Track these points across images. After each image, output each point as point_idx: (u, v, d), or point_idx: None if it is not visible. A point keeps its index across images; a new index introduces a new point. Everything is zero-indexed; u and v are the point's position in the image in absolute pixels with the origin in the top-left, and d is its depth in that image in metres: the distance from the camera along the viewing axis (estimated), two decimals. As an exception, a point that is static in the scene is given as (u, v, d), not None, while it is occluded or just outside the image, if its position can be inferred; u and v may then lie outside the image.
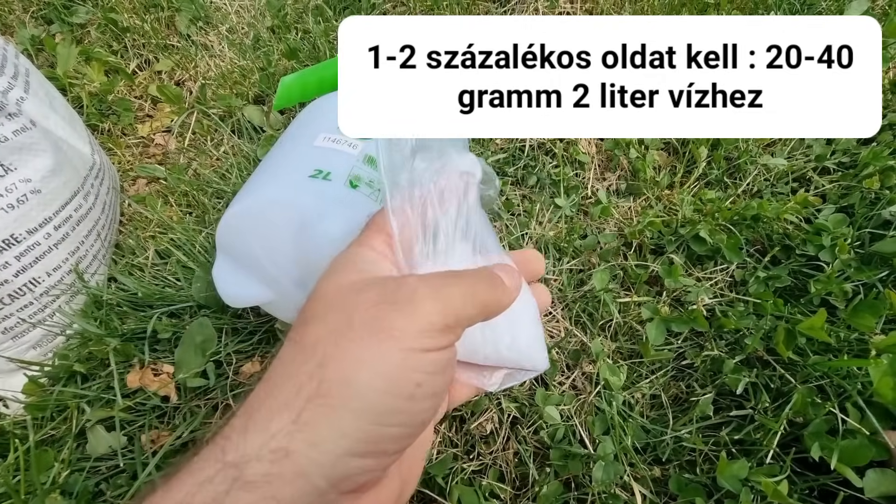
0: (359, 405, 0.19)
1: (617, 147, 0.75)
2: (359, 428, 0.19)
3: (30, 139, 0.55)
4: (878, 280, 0.57)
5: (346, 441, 0.19)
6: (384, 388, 0.20)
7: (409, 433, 0.21)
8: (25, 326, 0.57)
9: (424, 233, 0.24)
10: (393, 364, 0.20)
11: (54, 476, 0.49)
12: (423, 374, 0.21)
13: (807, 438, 0.47)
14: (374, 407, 0.19)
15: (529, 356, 0.28)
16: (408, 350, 0.20)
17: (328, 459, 0.19)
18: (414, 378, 0.20)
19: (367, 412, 0.19)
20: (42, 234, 0.57)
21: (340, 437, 0.19)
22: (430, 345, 0.21)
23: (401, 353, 0.20)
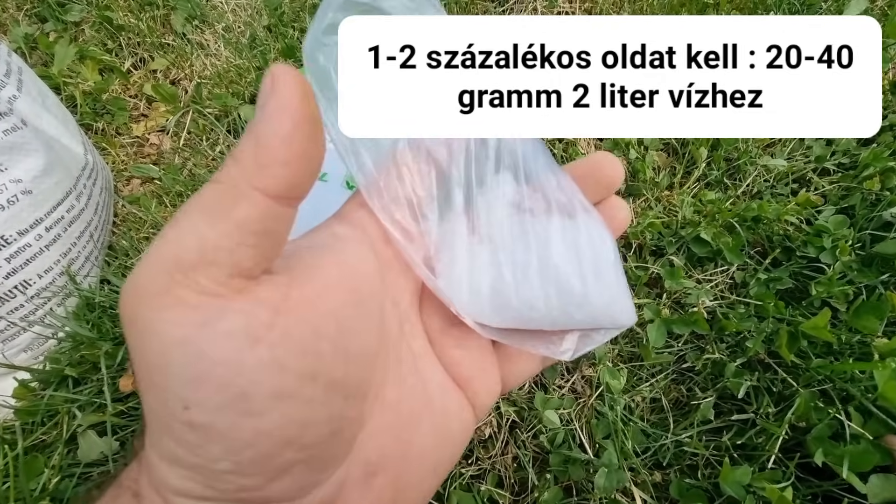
0: (162, 452, 0.16)
1: (616, 148, 0.75)
2: (180, 475, 0.16)
3: (21, 139, 0.54)
4: (879, 282, 0.56)
5: (181, 490, 0.16)
6: (161, 427, 0.16)
7: (252, 463, 0.16)
8: (16, 329, 0.56)
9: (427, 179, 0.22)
10: (149, 396, 0.16)
11: (44, 482, 0.48)
12: (182, 391, 0.15)
13: (810, 443, 0.46)
14: (170, 451, 0.16)
15: (608, 309, 0.21)
16: (145, 374, 0.16)
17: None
18: (175, 401, 0.15)
19: (171, 458, 0.16)
20: (33, 235, 0.56)
21: (172, 486, 0.16)
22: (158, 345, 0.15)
23: (145, 382, 0.16)
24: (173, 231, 0.16)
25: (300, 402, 0.16)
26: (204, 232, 0.15)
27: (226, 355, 0.15)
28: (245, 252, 0.16)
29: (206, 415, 0.15)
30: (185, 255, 0.15)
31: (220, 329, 0.15)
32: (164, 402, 0.15)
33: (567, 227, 0.22)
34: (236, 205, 0.16)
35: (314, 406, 0.17)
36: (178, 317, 0.15)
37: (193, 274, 0.15)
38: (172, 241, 0.15)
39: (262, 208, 0.16)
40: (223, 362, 0.15)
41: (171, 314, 0.15)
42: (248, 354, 0.15)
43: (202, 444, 0.15)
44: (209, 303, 0.15)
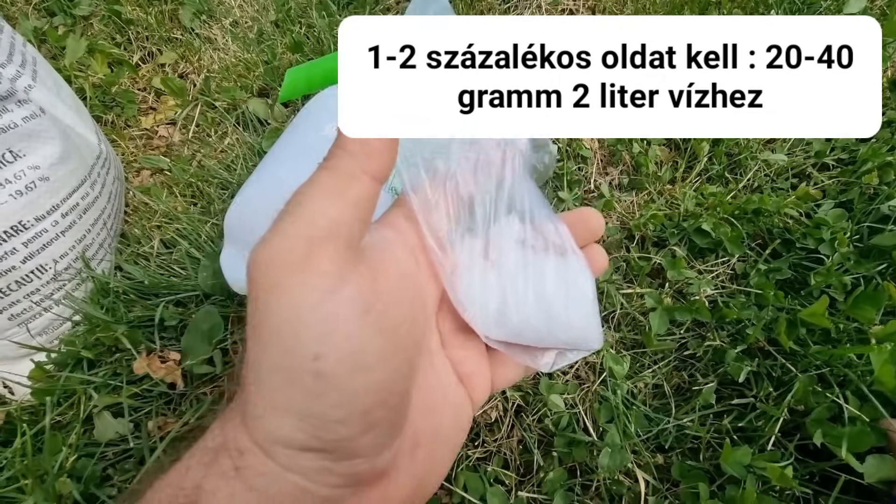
0: (278, 403, 0.18)
1: (620, 143, 0.76)
2: (292, 426, 0.18)
3: (39, 126, 0.56)
4: (877, 272, 0.58)
5: (289, 440, 0.18)
6: (284, 378, 0.18)
7: (358, 413, 0.18)
8: (33, 313, 0.57)
9: (458, 209, 0.24)
10: (274, 348, 0.18)
11: (62, 460, 0.50)
12: (314, 341, 0.18)
13: (809, 426, 0.47)
14: (289, 401, 0.18)
15: (584, 335, 0.26)
16: (274, 323, 0.18)
17: (284, 459, 0.18)
18: (305, 351, 0.18)
19: (288, 408, 0.18)
20: (49, 221, 0.57)
21: (280, 437, 0.18)
22: (296, 299, 0.18)
23: (272, 332, 0.18)
24: (302, 209, 0.18)
25: (392, 367, 0.19)
26: (329, 210, 0.18)
27: (348, 317, 0.18)
28: (356, 226, 0.19)
29: (330, 366, 0.17)
30: (317, 229, 0.18)
31: (345, 295, 0.18)
32: (293, 355, 0.18)
33: (559, 264, 0.25)
34: (352, 185, 0.19)
35: (399, 373, 0.20)
36: (313, 282, 0.18)
37: (324, 244, 0.18)
38: (304, 217, 0.18)
39: (369, 188, 0.20)
40: (347, 321, 0.18)
41: (307, 279, 0.18)
42: (363, 319, 0.18)
43: (324, 392, 0.18)
44: (335, 272, 0.18)
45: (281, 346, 0.18)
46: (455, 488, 0.50)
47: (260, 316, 0.18)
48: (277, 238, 0.18)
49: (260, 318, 0.18)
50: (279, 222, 0.18)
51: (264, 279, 0.18)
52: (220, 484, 0.18)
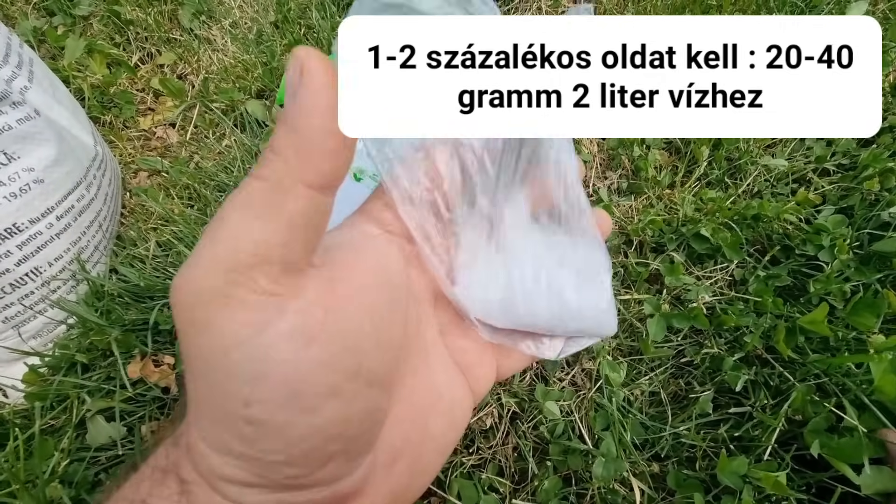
0: (213, 442, 0.17)
1: (620, 146, 0.76)
2: (230, 464, 0.17)
3: (34, 128, 0.55)
4: (876, 280, 0.57)
5: (230, 477, 0.17)
6: (217, 420, 0.17)
7: (303, 456, 0.16)
8: (27, 316, 0.57)
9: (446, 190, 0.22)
10: (207, 391, 0.16)
11: (54, 465, 0.49)
12: (243, 387, 0.16)
13: (807, 436, 0.47)
14: (224, 443, 0.17)
15: (596, 322, 0.24)
16: (208, 366, 0.16)
17: (229, 494, 0.17)
18: (236, 397, 0.16)
19: (223, 449, 0.17)
20: (44, 223, 0.57)
21: (222, 474, 0.17)
22: (220, 343, 0.16)
23: (206, 377, 0.16)
24: (224, 230, 0.16)
25: (346, 399, 0.17)
26: (257, 230, 0.15)
27: (285, 355, 0.15)
28: (295, 246, 0.16)
29: (265, 412, 0.15)
30: (241, 255, 0.15)
31: (280, 330, 0.16)
32: (222, 398, 0.15)
33: (574, 247, 0.24)
34: (285, 201, 0.16)
35: (357, 401, 0.17)
36: (240, 317, 0.15)
37: (250, 273, 0.15)
38: (226, 240, 0.15)
39: (308, 201, 0.16)
40: (283, 362, 0.15)
41: (233, 315, 0.15)
42: (304, 354, 0.16)
43: (259, 439, 0.16)
44: (268, 302, 0.16)
45: (210, 389, 0.16)
46: (449, 496, 0.50)
47: (187, 351, 0.16)
48: (195, 266, 0.15)
49: (188, 354, 0.16)
50: (198, 247, 0.16)
51: (185, 313, 0.16)
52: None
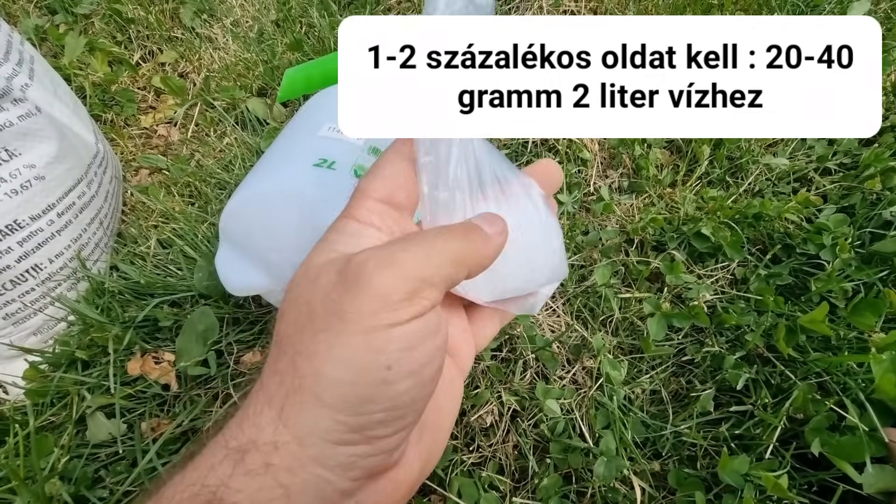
0: (331, 397, 0.19)
1: (622, 145, 0.76)
2: (336, 420, 0.19)
3: (35, 125, 0.55)
4: (878, 279, 0.57)
5: (328, 433, 0.19)
6: (351, 378, 0.19)
7: (399, 415, 0.20)
8: (27, 312, 0.57)
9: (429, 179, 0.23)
10: (355, 350, 0.19)
11: (53, 462, 0.49)
12: (393, 354, 0.19)
13: (807, 434, 0.47)
14: (346, 398, 0.19)
15: (556, 271, 0.27)
16: (366, 332, 0.19)
17: (316, 451, 0.19)
18: (381, 361, 0.19)
19: (341, 404, 0.19)
20: (45, 220, 0.57)
21: (322, 430, 0.19)
22: (392, 319, 0.19)
23: (360, 337, 0.19)
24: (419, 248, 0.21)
25: (435, 384, 0.22)
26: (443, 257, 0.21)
27: (420, 343, 0.20)
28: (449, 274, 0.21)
29: (398, 377, 0.19)
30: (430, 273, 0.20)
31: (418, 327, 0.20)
32: (371, 358, 0.19)
33: (531, 213, 0.26)
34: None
35: (437, 380, 0.22)
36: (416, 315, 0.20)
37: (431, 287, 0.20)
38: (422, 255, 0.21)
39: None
40: (418, 348, 0.20)
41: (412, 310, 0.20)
42: (429, 343, 0.21)
43: (379, 398, 0.19)
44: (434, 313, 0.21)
45: (362, 347, 0.19)
46: (449, 494, 0.50)
47: (346, 309, 0.19)
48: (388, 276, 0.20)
49: (345, 311, 0.19)
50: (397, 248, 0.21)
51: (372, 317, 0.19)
52: (247, 480, 0.19)
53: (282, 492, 0.18)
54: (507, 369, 0.57)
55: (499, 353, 0.59)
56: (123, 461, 0.51)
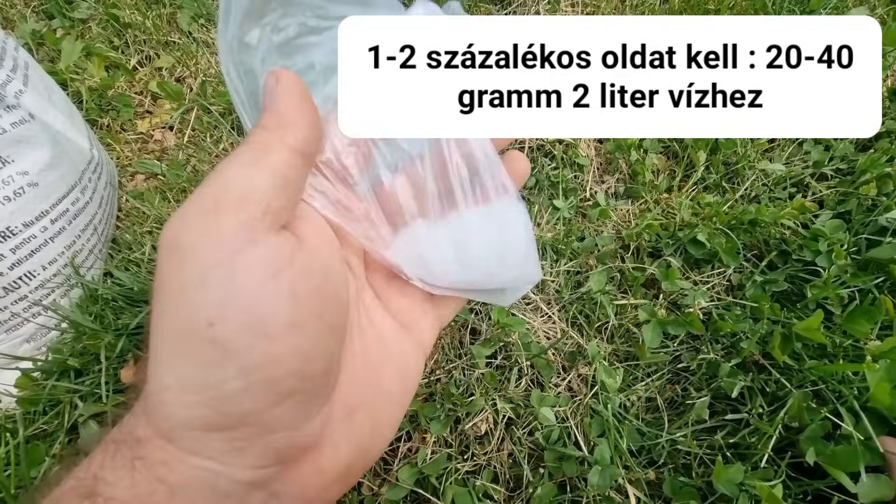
0: (174, 378, 0.17)
1: (618, 150, 0.75)
2: (191, 403, 0.17)
3: (28, 132, 0.55)
4: (874, 286, 0.57)
5: (190, 419, 0.17)
6: (178, 348, 0.17)
7: (265, 378, 0.17)
8: (20, 320, 0.57)
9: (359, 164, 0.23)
10: (171, 315, 0.17)
11: (45, 471, 0.49)
12: (210, 308, 0.17)
13: (802, 443, 0.47)
14: (184, 372, 0.17)
15: (526, 273, 0.26)
16: (174, 291, 0.17)
17: (187, 443, 0.17)
18: (199, 317, 0.17)
19: (183, 382, 0.17)
20: (38, 227, 0.57)
21: (181, 418, 0.17)
22: (193, 267, 0.17)
23: (170, 299, 0.17)
24: (218, 177, 0.19)
25: (308, 336, 0.18)
26: (242, 177, 0.18)
27: (252, 282, 0.17)
28: (277, 194, 0.19)
29: (227, 333, 0.17)
30: (230, 193, 0.18)
31: (249, 257, 0.17)
32: (189, 320, 0.17)
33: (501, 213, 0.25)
34: (269, 155, 0.19)
35: (318, 341, 0.19)
36: (217, 243, 0.17)
37: (233, 210, 0.18)
38: (217, 183, 0.18)
39: (288, 157, 0.20)
40: (249, 288, 0.17)
41: (211, 240, 0.17)
42: (270, 284, 0.17)
43: (219, 363, 0.17)
44: (243, 235, 0.18)
45: (178, 311, 0.17)
46: (443, 503, 0.49)
47: (161, 278, 0.18)
48: (189, 202, 0.18)
49: (160, 281, 0.18)
50: (195, 190, 0.18)
51: (170, 240, 0.18)
52: (121, 475, 0.17)
53: (164, 488, 0.17)
54: (501, 376, 0.57)
55: (493, 360, 0.59)
56: (67, 451, 0.51)
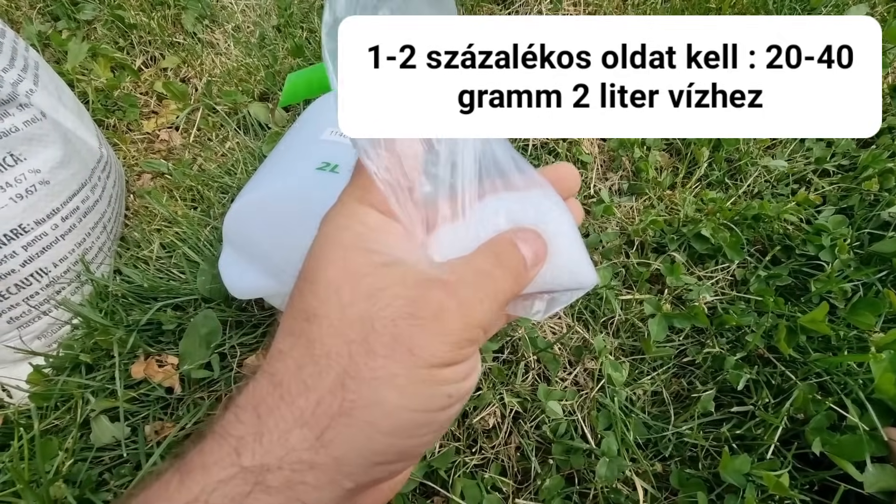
0: (390, 425, 0.19)
1: (621, 147, 0.76)
2: (390, 444, 0.19)
3: (39, 130, 0.56)
4: (877, 279, 0.57)
5: (377, 456, 0.19)
6: (415, 406, 0.20)
7: (439, 434, 0.22)
8: (31, 316, 0.57)
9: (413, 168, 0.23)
10: (421, 382, 0.20)
11: (58, 465, 0.49)
12: (453, 386, 0.21)
13: (808, 434, 0.47)
14: (405, 425, 0.20)
15: (574, 274, 0.25)
16: (435, 367, 0.20)
17: (356, 470, 0.19)
18: (444, 391, 0.20)
19: (398, 430, 0.19)
20: (49, 224, 0.57)
21: (371, 453, 0.19)
22: (457, 358, 0.20)
23: (428, 371, 0.20)
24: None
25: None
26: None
27: (477, 374, 0.23)
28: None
29: (454, 402, 0.21)
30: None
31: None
32: (438, 389, 0.20)
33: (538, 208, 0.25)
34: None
35: None
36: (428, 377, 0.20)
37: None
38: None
39: None
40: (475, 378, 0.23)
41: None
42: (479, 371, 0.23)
43: (436, 421, 0.21)
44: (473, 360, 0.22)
45: (427, 383, 0.20)
46: (452, 495, 0.50)
47: (423, 351, 0.20)
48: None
49: (423, 353, 0.20)
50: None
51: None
52: (266, 499, 0.18)
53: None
54: (508, 371, 0.58)
55: (500, 355, 0.59)
56: (127, 464, 0.52)
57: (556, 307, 0.27)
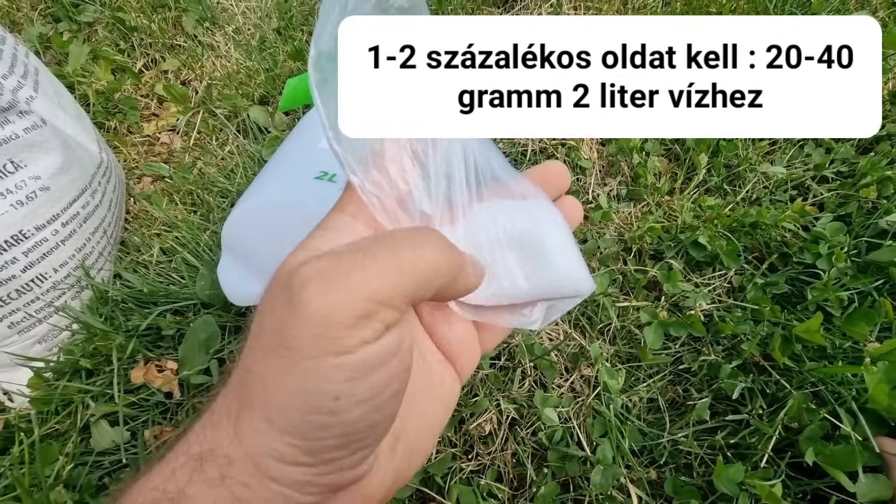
0: (282, 423, 0.18)
1: (620, 152, 0.76)
2: (289, 444, 0.18)
3: (40, 137, 0.56)
4: (873, 288, 0.57)
5: (283, 456, 0.18)
6: (299, 406, 0.18)
7: (356, 439, 0.19)
8: (32, 321, 0.58)
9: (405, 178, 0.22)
10: (301, 379, 0.18)
11: (58, 469, 0.50)
12: (340, 385, 0.18)
13: (802, 443, 0.47)
14: (296, 425, 0.18)
15: (571, 281, 0.25)
16: (311, 360, 0.17)
17: (271, 471, 0.18)
18: (329, 391, 0.17)
19: (292, 430, 0.18)
20: (50, 230, 0.58)
21: (275, 452, 0.18)
22: (336, 348, 0.17)
23: (305, 365, 0.17)
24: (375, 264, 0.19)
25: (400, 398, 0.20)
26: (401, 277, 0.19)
27: (378, 364, 0.19)
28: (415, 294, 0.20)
29: (348, 406, 0.18)
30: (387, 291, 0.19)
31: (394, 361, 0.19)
32: (317, 391, 0.18)
33: (530, 214, 0.24)
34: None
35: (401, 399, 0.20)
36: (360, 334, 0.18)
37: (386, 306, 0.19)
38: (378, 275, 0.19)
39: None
40: (381, 373, 0.19)
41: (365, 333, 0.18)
42: (391, 363, 0.19)
43: (330, 426, 0.18)
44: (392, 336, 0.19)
45: (308, 375, 0.18)
46: (448, 502, 0.50)
47: (293, 341, 0.18)
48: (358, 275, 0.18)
49: (293, 343, 0.18)
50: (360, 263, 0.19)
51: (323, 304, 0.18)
52: (204, 489, 0.18)
53: None
54: (505, 377, 0.58)
55: (497, 362, 0.59)
56: (127, 469, 0.52)
57: (554, 315, 0.27)
